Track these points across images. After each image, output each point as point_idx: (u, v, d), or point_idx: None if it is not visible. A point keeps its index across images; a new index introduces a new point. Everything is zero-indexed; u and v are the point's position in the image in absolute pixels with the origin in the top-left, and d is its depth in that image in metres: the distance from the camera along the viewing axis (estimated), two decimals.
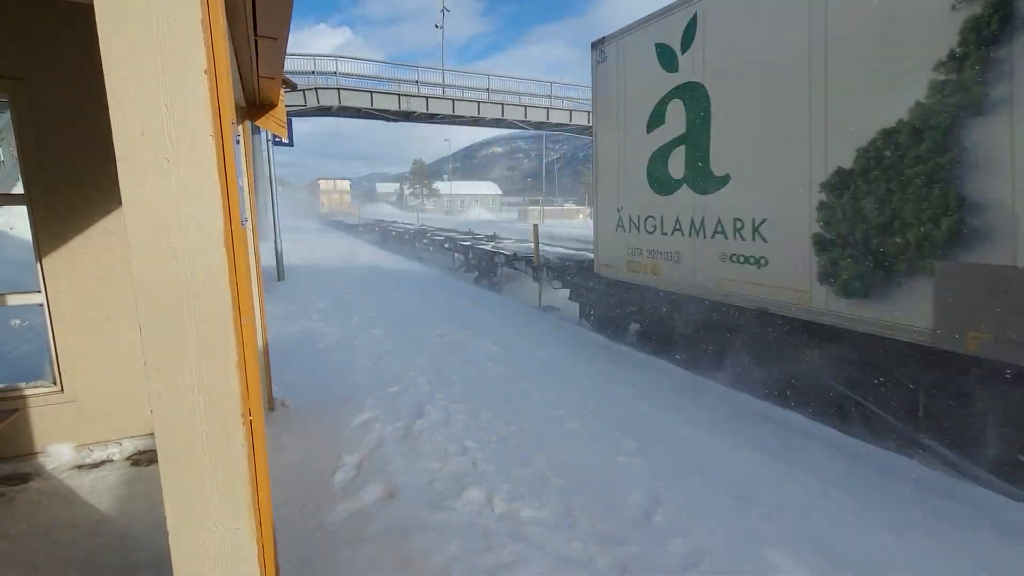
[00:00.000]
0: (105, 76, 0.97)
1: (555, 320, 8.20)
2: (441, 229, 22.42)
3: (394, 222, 33.40)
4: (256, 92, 3.56)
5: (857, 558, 2.55)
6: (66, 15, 3.14)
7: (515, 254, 10.34)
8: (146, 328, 1.04)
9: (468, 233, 18.32)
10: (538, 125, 29.91)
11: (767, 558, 2.51)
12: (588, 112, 29.48)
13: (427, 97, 25.93)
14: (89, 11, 1.00)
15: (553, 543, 2.60)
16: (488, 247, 12.05)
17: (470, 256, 13.17)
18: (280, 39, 2.47)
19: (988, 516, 2.98)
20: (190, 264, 1.05)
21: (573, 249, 10.95)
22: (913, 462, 3.62)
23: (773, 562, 2.48)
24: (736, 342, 5.13)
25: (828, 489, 3.14)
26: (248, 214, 1.45)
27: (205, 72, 1.02)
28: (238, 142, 1.39)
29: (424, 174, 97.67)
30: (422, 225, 27.28)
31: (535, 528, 2.71)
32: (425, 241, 18.00)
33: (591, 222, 8.04)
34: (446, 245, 15.61)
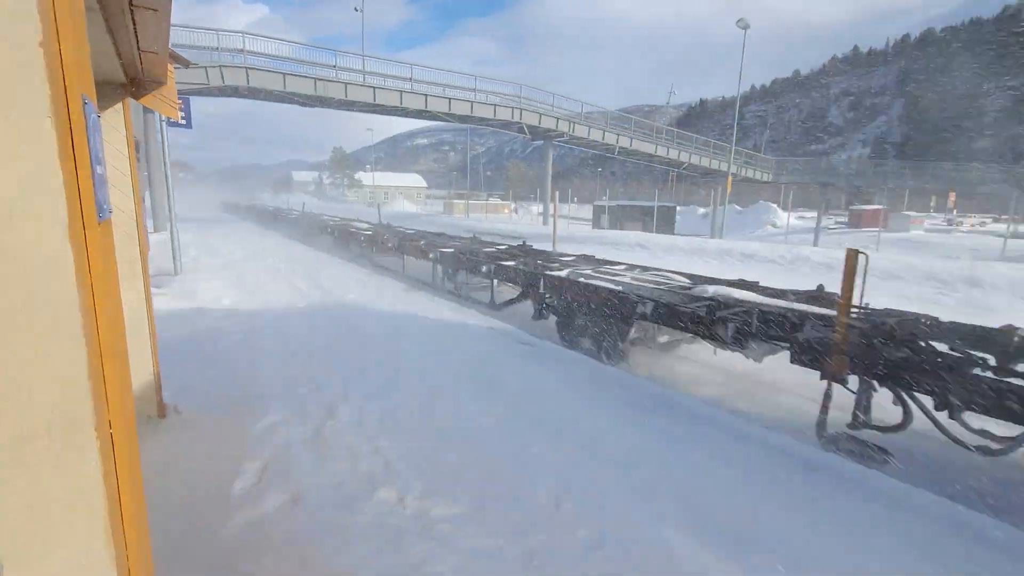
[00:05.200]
0: None
1: None
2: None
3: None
4: (139, 68, 3.21)
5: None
6: None
7: None
8: None
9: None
10: (463, 118, 29.64)
11: None
12: (512, 108, 29.59)
13: (346, 84, 24.86)
14: None
15: None
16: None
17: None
18: (161, 10, 2.24)
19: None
20: (26, 264, 0.93)
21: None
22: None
23: None
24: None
25: None
26: (109, 204, 1.31)
27: (40, 45, 0.90)
28: (98, 119, 1.27)
29: (345, 163, 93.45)
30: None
31: None
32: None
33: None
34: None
